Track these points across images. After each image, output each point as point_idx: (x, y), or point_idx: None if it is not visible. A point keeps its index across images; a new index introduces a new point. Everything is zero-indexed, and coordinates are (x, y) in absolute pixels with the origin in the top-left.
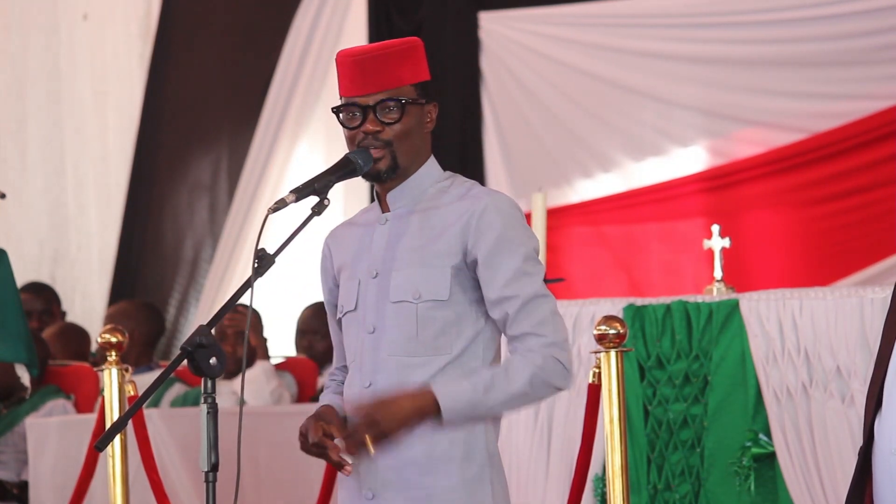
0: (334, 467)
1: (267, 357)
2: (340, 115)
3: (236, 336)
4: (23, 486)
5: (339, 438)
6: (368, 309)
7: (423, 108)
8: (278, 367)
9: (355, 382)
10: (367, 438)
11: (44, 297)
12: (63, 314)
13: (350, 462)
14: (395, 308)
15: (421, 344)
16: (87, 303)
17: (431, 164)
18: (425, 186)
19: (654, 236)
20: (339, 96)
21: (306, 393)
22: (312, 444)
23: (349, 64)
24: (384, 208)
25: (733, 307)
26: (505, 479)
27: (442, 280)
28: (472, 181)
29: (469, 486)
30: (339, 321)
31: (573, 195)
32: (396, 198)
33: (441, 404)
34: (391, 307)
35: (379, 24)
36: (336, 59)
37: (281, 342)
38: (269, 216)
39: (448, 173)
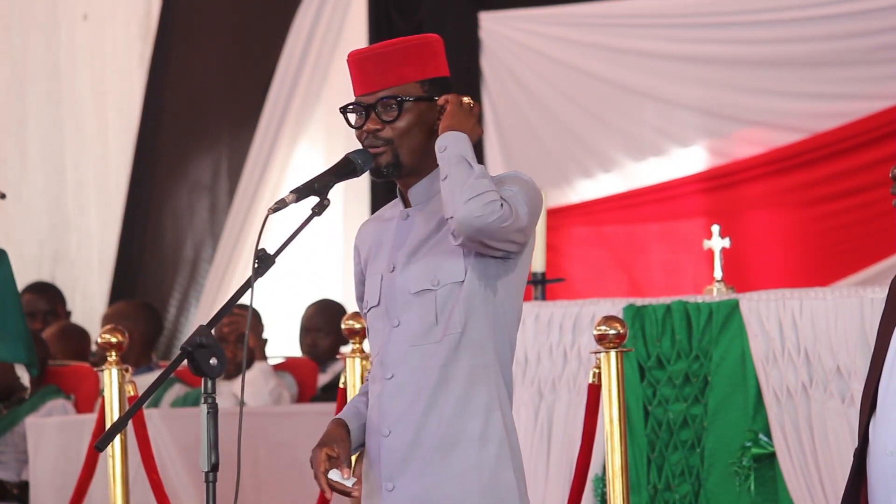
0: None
1: (264, 358)
2: (349, 116)
3: (235, 339)
4: (23, 486)
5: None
6: (391, 303)
7: (431, 104)
8: (278, 367)
9: (377, 376)
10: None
11: (47, 297)
12: (68, 314)
13: (353, 486)
14: (417, 299)
15: (441, 328)
16: (87, 303)
17: None
18: None
19: (654, 236)
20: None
21: (306, 393)
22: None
23: (353, 64)
24: (406, 204)
25: (733, 307)
26: (520, 455)
27: (457, 262)
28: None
29: (490, 467)
30: (366, 316)
31: (573, 195)
32: (416, 194)
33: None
34: (413, 299)
35: (379, 25)
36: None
37: (282, 342)
38: (270, 216)
39: None
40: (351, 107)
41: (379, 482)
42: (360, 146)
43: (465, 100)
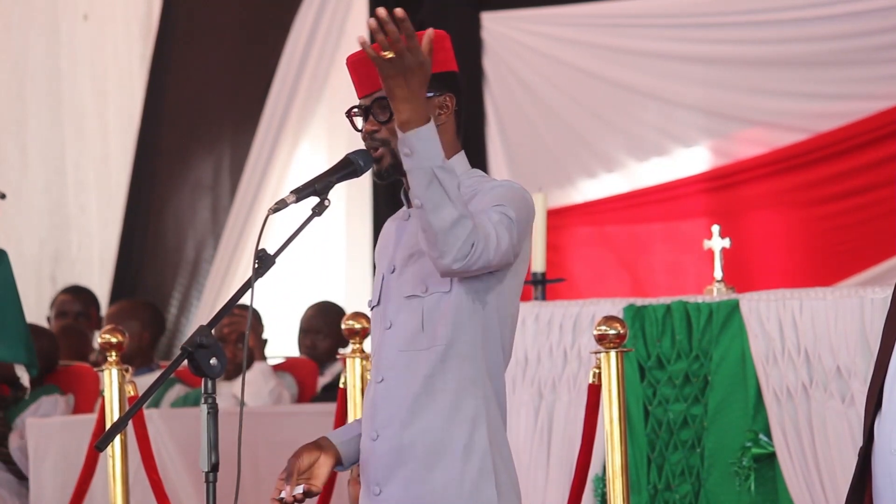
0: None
1: (264, 358)
2: (355, 119)
3: (236, 339)
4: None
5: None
6: (388, 304)
7: (429, 101)
8: (278, 367)
9: (372, 378)
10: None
11: (82, 299)
12: (101, 319)
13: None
14: (408, 303)
15: (426, 336)
16: None
17: (455, 162)
18: None
19: (657, 236)
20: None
21: (306, 393)
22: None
23: (350, 67)
24: (409, 204)
25: (733, 307)
26: (513, 469)
27: None
28: (495, 179)
29: (471, 480)
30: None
31: (576, 195)
32: None
33: (427, 125)
34: (404, 302)
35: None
36: None
37: (282, 342)
38: (270, 216)
39: (475, 171)
40: (355, 110)
41: (368, 485)
42: (363, 146)
43: (424, 42)
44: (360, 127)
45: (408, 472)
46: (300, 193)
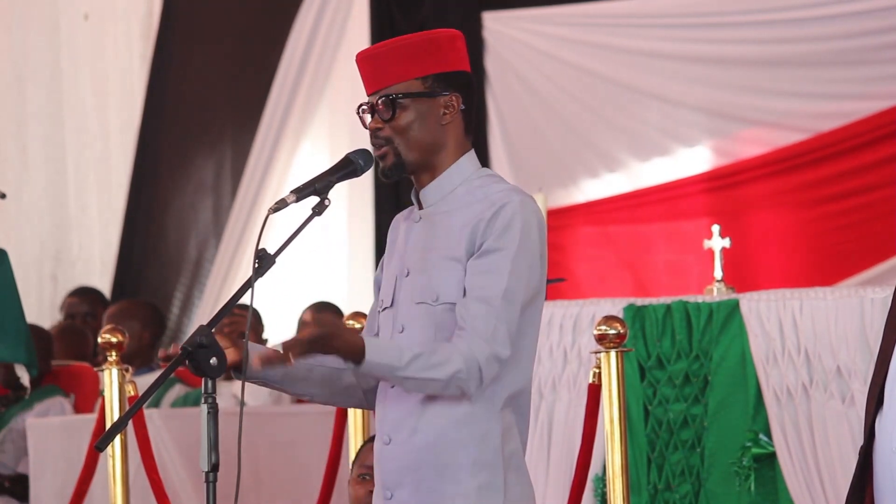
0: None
1: None
2: (364, 117)
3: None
4: (17, 480)
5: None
6: (400, 307)
7: (434, 100)
8: None
9: (383, 381)
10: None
11: (88, 300)
12: None
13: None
14: (419, 309)
15: None
16: None
17: (465, 162)
18: (455, 184)
19: (659, 236)
20: None
21: None
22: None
23: (358, 64)
24: (419, 205)
25: (733, 307)
26: (527, 479)
27: (456, 283)
28: (504, 182)
29: (479, 492)
30: (378, 313)
31: (578, 195)
32: (427, 196)
33: (366, 357)
34: (415, 307)
35: (381, 24)
36: None
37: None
38: (270, 216)
39: (485, 171)
40: (363, 107)
41: (380, 488)
42: (364, 145)
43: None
44: (363, 123)
45: (419, 478)
46: (300, 193)
